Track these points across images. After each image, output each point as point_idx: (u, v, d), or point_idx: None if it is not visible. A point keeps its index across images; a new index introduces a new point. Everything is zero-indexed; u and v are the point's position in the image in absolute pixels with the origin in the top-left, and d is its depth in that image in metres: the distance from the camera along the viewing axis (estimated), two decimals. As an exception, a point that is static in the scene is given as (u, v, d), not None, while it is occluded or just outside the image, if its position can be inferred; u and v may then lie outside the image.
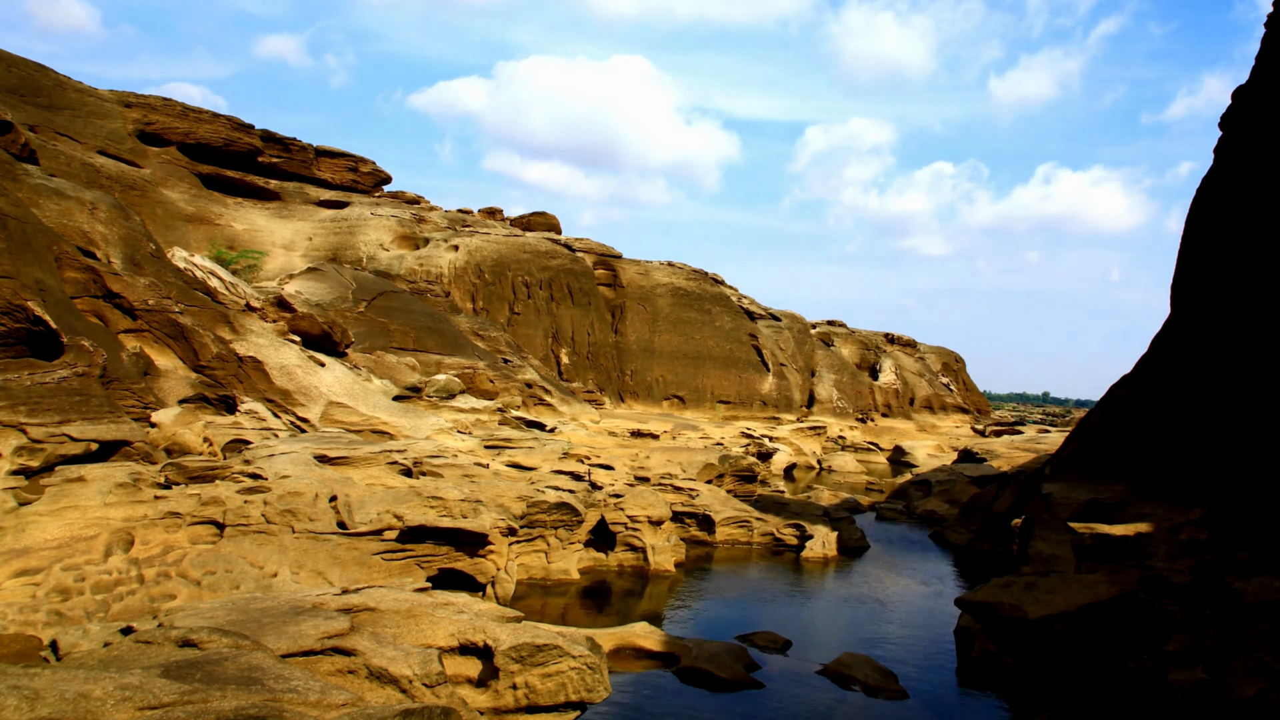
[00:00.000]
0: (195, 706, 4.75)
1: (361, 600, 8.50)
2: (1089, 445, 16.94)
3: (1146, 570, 8.64)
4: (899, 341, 75.75)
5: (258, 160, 47.95)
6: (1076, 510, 14.98)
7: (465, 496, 13.59)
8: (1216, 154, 14.89)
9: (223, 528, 11.46)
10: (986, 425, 61.42)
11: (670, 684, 10.52)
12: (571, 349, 47.16)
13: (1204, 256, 14.94)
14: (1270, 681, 5.97)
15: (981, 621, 9.65)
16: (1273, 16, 13.63)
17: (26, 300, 13.31)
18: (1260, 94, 13.72)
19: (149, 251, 20.48)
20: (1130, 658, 7.60)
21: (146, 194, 38.86)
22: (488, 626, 8.28)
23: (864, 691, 10.66)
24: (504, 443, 20.94)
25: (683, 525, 19.35)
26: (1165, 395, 15.14)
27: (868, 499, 28.62)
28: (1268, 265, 12.85)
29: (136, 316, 17.99)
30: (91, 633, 7.69)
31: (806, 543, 19.03)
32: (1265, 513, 10.71)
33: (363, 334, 28.94)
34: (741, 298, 62.27)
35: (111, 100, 41.36)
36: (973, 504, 22.07)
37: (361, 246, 45.34)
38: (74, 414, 12.63)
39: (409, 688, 6.73)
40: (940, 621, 14.05)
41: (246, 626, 7.08)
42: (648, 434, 32.51)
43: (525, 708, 8.05)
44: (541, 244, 50.22)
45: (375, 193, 55.68)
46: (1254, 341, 13.07)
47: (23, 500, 11.12)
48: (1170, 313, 15.96)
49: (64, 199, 19.60)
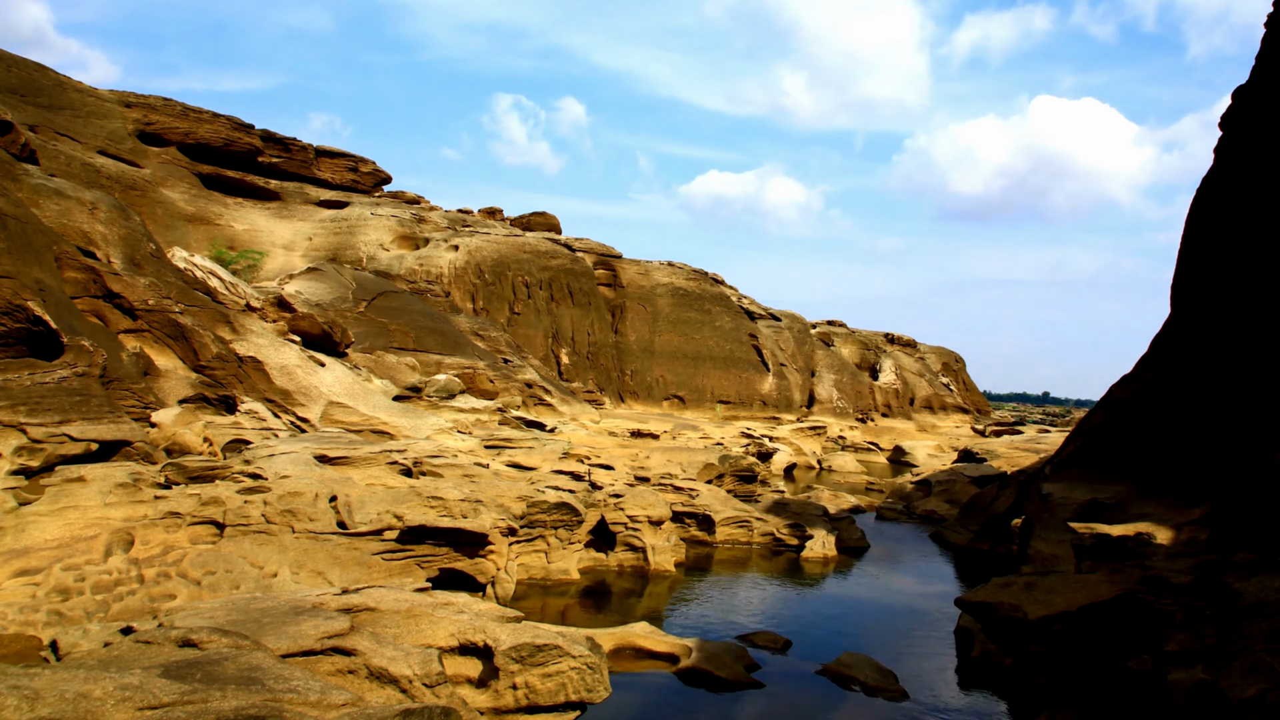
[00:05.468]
0: (195, 706, 4.75)
1: (361, 600, 8.50)
2: (1089, 445, 16.95)
3: (1146, 570, 8.65)
4: (899, 341, 75.77)
5: (258, 160, 47.96)
6: (1076, 510, 14.99)
7: (465, 496, 13.59)
8: (1216, 154, 14.90)
9: (223, 528, 11.46)
10: (986, 425, 61.42)
11: (670, 684, 10.52)
12: (571, 349, 47.16)
13: (1204, 256, 14.94)
14: (1270, 681, 5.97)
15: (981, 621, 9.66)
16: (1273, 16, 13.64)
17: (26, 300, 13.31)
18: (1260, 94, 13.72)
19: (149, 251, 20.49)
20: (1130, 658, 7.60)
21: (146, 194, 38.87)
22: (488, 626, 8.28)
23: (864, 691, 10.66)
24: (504, 443, 20.94)
25: (683, 525, 19.35)
26: (1165, 395, 15.15)
27: (868, 499, 28.62)
28: (1268, 265, 12.85)
29: (136, 316, 17.99)
30: (91, 633, 7.69)
31: (806, 543, 19.02)
32: (1265, 513, 10.71)
33: (363, 334, 28.94)
34: (741, 298, 62.29)
35: (111, 100, 41.37)
36: (973, 504, 22.07)
37: (361, 246, 45.34)
38: (74, 414, 12.63)
39: (409, 688, 6.73)
40: (940, 621, 14.05)
41: (246, 626, 7.08)
42: (648, 434, 32.51)
43: (525, 708, 8.05)
44: (541, 244, 50.22)
45: (375, 193, 55.68)
46: (1254, 342, 13.08)
47: (23, 500, 11.12)
48: (1170, 313, 15.96)
49: (64, 199, 19.60)
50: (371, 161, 55.49)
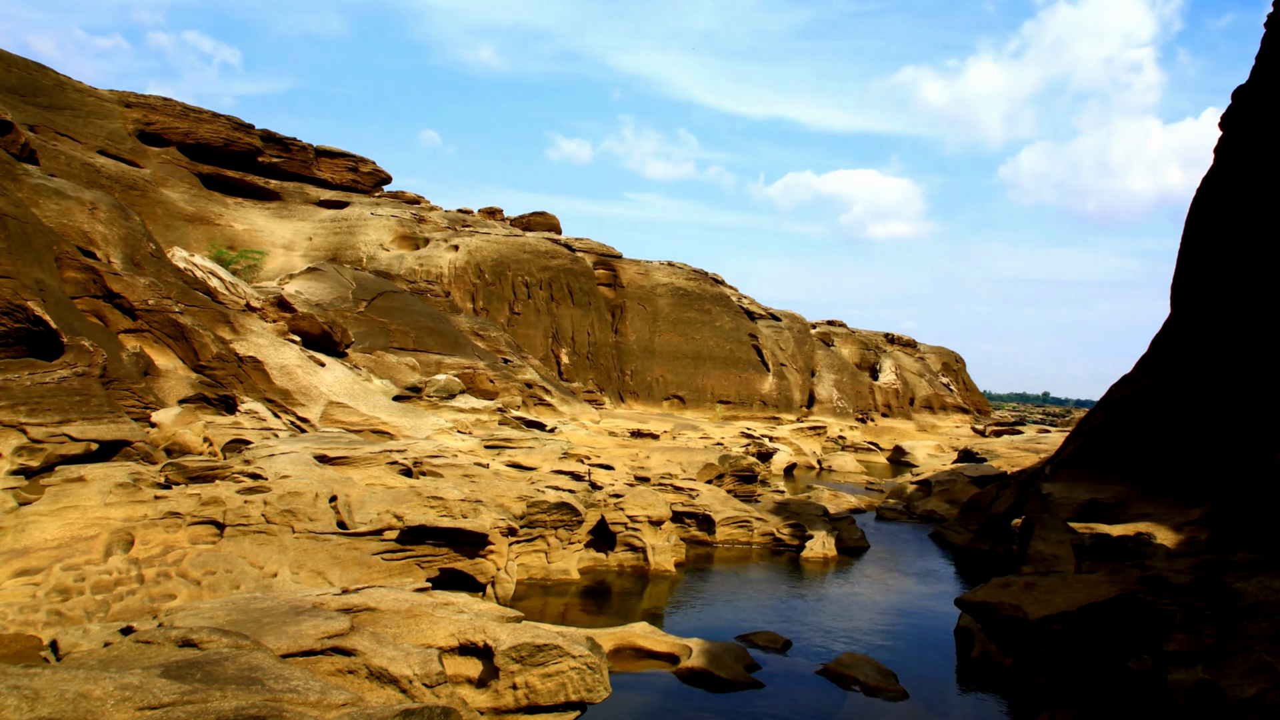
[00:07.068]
0: (195, 706, 4.75)
1: (361, 600, 8.50)
2: (1089, 445, 16.96)
3: (1146, 570, 8.65)
4: (899, 341, 75.79)
5: (258, 160, 47.96)
6: (1076, 510, 15.00)
7: (465, 496, 13.59)
8: (1217, 154, 14.90)
9: (223, 528, 11.46)
10: (986, 425, 61.42)
11: (670, 684, 10.51)
12: (571, 349, 47.17)
13: (1204, 256, 14.94)
14: (1270, 681, 5.97)
15: (981, 621, 9.66)
16: (1273, 16, 13.64)
17: (26, 300, 13.31)
18: (1260, 94, 13.73)
19: (149, 251, 20.49)
20: (1130, 658, 7.60)
21: (146, 194, 38.88)
22: (488, 626, 8.28)
23: (864, 691, 10.66)
24: (504, 443, 20.93)
25: (683, 525, 19.35)
26: (1165, 395, 15.15)
27: (868, 499, 28.62)
28: (1268, 265, 12.85)
29: (136, 316, 18.00)
30: (91, 633, 7.69)
31: (806, 543, 19.02)
32: (1265, 513, 10.72)
33: (363, 334, 28.94)
34: (741, 298, 62.32)
35: (111, 100, 41.38)
36: (973, 504, 22.07)
37: (361, 246, 45.34)
38: (74, 414, 12.63)
39: (409, 688, 6.73)
40: (940, 621, 14.05)
41: (246, 626, 7.08)
42: (648, 434, 32.51)
43: (525, 708, 8.05)
44: (541, 244, 50.22)
45: (375, 192, 55.70)
46: (1254, 342, 13.08)
47: (23, 500, 11.12)
48: (1170, 313, 15.96)
49: (64, 199, 19.60)
50: (371, 161, 55.51)
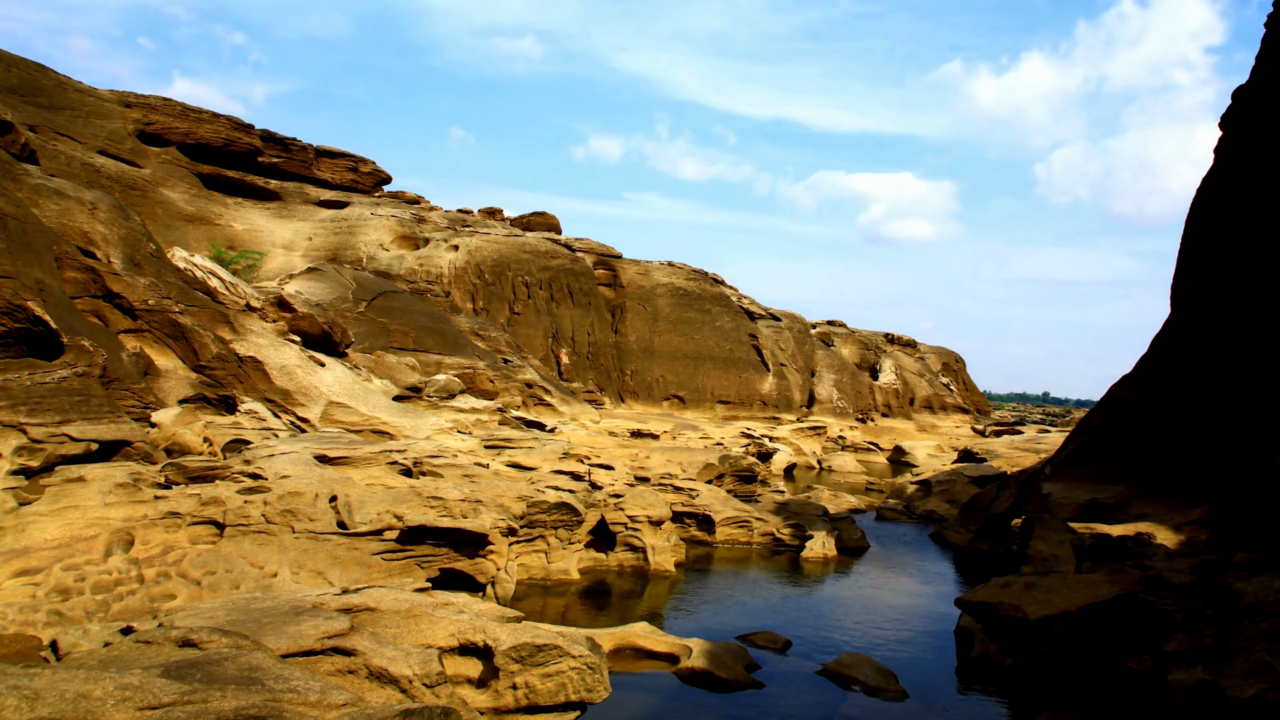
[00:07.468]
0: (195, 706, 4.75)
1: (361, 600, 8.49)
2: (1089, 445, 16.96)
3: (1146, 570, 8.64)
4: (899, 341, 75.79)
5: (258, 160, 47.95)
6: (1076, 510, 15.00)
7: (465, 496, 13.58)
8: (1216, 154, 14.90)
9: (223, 528, 11.46)
10: (986, 425, 61.42)
11: (670, 684, 10.51)
12: (571, 349, 47.16)
13: (1204, 256, 14.94)
14: (1270, 681, 5.97)
15: (981, 621, 9.65)
16: (1273, 16, 13.64)
17: (26, 300, 13.31)
18: (1260, 94, 13.73)
19: (149, 251, 20.49)
20: (1130, 658, 7.59)
21: (146, 194, 38.87)
22: (488, 626, 8.28)
23: (864, 691, 10.65)
24: (504, 443, 20.93)
25: (683, 525, 19.35)
26: (1165, 395, 15.15)
27: (868, 499, 28.62)
28: (1268, 265, 12.85)
29: (136, 316, 18.00)
30: (91, 633, 7.69)
31: (806, 543, 19.02)
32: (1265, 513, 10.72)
33: (363, 334, 28.94)
34: (741, 298, 62.31)
35: (111, 100, 41.37)
36: (973, 504, 22.07)
37: (361, 246, 45.34)
38: (74, 414, 12.63)
39: (409, 688, 6.73)
40: (940, 621, 14.05)
41: (246, 626, 7.08)
42: (648, 434, 32.51)
43: (525, 708, 8.05)
44: (541, 244, 50.22)
45: (375, 193, 55.69)
46: (1253, 342, 13.08)
47: (23, 500, 11.13)
48: (1170, 313, 15.96)
49: (64, 199, 19.60)
50: (371, 161, 55.50)
